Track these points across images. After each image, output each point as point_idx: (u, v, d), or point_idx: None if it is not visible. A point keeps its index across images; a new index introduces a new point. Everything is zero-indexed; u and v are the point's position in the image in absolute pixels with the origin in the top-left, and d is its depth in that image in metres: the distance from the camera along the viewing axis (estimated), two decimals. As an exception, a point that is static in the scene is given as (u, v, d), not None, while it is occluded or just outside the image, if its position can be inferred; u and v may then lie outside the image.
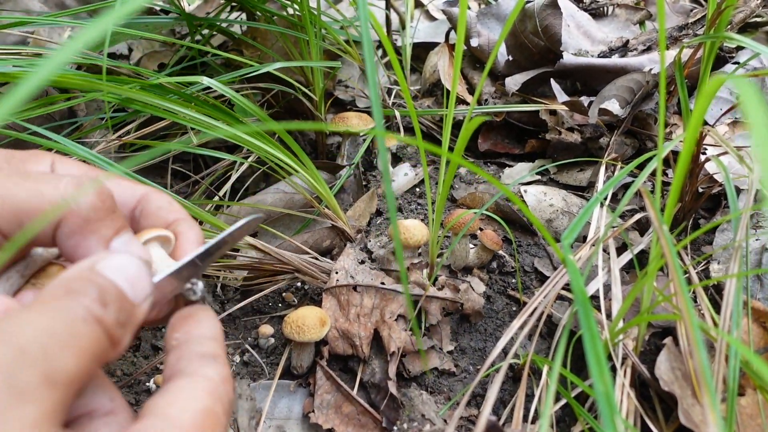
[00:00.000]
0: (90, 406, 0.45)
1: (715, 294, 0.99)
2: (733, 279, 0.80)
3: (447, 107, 0.88)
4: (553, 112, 1.35)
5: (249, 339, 1.04)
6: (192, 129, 1.20)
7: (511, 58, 1.42)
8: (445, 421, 0.90)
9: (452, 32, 1.60)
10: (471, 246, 1.08)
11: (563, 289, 0.99)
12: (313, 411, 0.89)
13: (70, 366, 0.38)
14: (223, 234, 0.55)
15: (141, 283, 0.47)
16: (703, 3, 1.73)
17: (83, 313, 0.41)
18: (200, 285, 0.54)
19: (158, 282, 0.50)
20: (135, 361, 1.01)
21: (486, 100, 1.41)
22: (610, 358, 0.83)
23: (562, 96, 1.28)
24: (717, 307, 0.92)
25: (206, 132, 0.98)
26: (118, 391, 0.48)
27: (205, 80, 0.94)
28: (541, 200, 1.18)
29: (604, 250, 1.01)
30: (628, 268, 1.06)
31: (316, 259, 1.06)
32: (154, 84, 0.93)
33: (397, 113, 1.41)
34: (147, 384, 0.96)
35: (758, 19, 1.58)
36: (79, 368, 0.39)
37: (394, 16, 1.70)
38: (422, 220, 1.17)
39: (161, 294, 0.51)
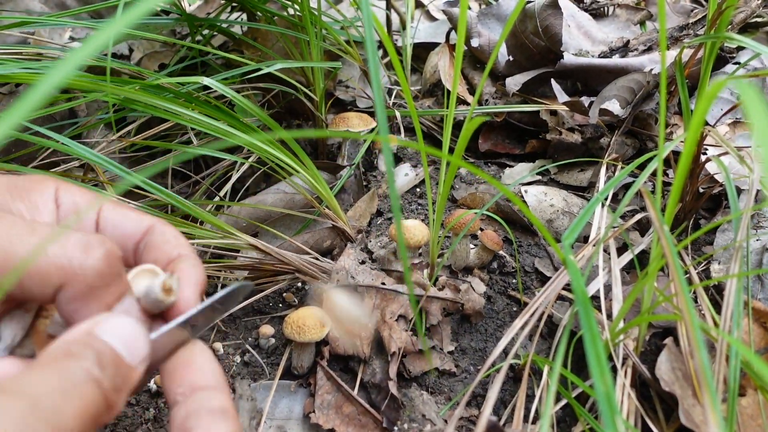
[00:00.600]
0: None
1: (716, 294, 0.99)
2: (734, 279, 0.80)
3: (447, 107, 0.88)
4: (553, 113, 1.35)
5: (249, 339, 1.04)
6: (192, 130, 1.20)
7: (511, 59, 1.42)
8: (446, 421, 0.90)
9: (452, 32, 1.60)
10: (471, 246, 1.08)
11: (564, 289, 0.99)
12: (314, 411, 0.89)
13: (75, 425, 0.39)
14: (216, 297, 0.54)
15: (137, 346, 0.47)
16: (704, 3, 1.73)
17: (84, 375, 0.41)
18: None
19: (154, 340, 0.50)
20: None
21: (486, 100, 1.41)
22: (610, 358, 0.83)
23: (562, 96, 1.28)
24: (718, 307, 0.92)
25: (209, 134, 0.98)
26: None
27: (205, 80, 0.94)
28: (542, 200, 1.18)
29: (605, 251, 1.01)
30: (628, 269, 1.06)
31: (317, 259, 1.06)
32: (153, 84, 0.93)
33: (397, 113, 1.41)
34: (147, 385, 0.96)
35: (759, 20, 1.58)
36: (81, 429, 0.40)
37: (394, 17, 1.70)
38: (423, 220, 1.17)
39: (155, 352, 0.50)
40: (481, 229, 1.10)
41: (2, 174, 0.55)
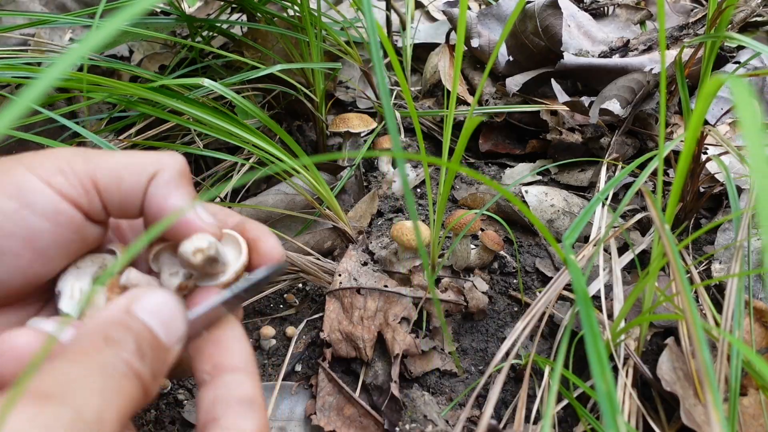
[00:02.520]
0: None
1: (717, 294, 0.98)
2: (735, 278, 0.80)
3: (448, 108, 0.88)
4: (554, 113, 1.35)
5: (251, 340, 1.04)
6: (195, 131, 1.20)
7: (511, 59, 1.42)
8: (447, 421, 0.90)
9: (453, 33, 1.60)
10: (472, 246, 1.08)
11: (565, 289, 0.99)
12: (315, 413, 0.89)
13: (116, 426, 0.39)
14: (256, 278, 0.54)
15: (175, 325, 0.47)
16: (704, 2, 1.73)
17: (124, 369, 0.41)
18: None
19: (192, 319, 0.49)
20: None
21: (487, 100, 1.41)
22: (611, 358, 0.83)
23: (562, 96, 1.28)
24: (719, 306, 0.92)
25: (209, 134, 0.98)
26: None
27: (207, 82, 0.94)
28: (543, 200, 1.18)
29: (606, 250, 1.01)
30: (629, 268, 1.06)
31: (318, 260, 1.06)
32: (154, 88, 0.93)
33: (397, 114, 1.41)
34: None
35: (759, 19, 1.58)
36: (121, 425, 0.40)
37: (394, 17, 1.70)
38: (423, 220, 1.17)
39: (193, 330, 0.50)
40: (482, 230, 1.10)
41: None
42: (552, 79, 1.32)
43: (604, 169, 1.17)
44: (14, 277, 0.49)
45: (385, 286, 0.98)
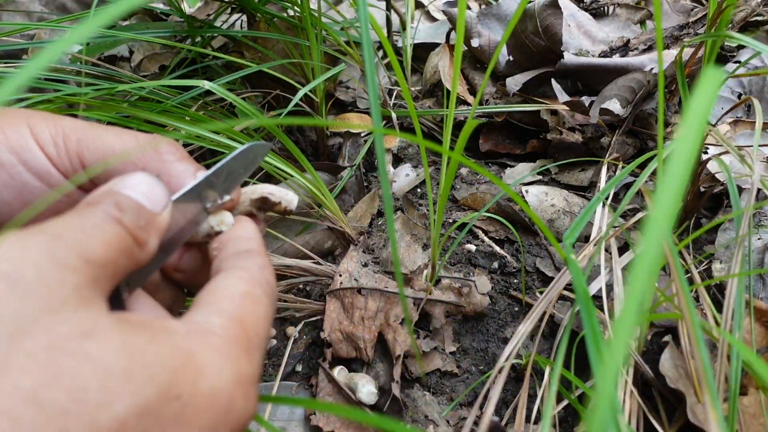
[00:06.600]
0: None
1: (717, 293, 0.98)
2: (735, 278, 0.80)
3: (448, 108, 0.88)
4: (554, 112, 1.35)
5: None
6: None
7: (511, 59, 1.42)
8: (448, 421, 0.90)
9: (453, 33, 1.60)
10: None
11: (565, 288, 0.99)
12: (315, 413, 0.89)
13: (100, 251, 0.41)
14: (229, 156, 0.55)
15: (156, 196, 0.49)
16: (704, 2, 1.73)
17: (103, 215, 0.44)
18: (229, 217, 0.55)
19: (176, 200, 0.51)
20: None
21: (487, 100, 1.41)
22: (612, 358, 0.83)
23: (563, 96, 1.28)
24: (719, 306, 0.92)
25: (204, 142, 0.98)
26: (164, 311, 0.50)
27: (206, 84, 0.94)
28: (543, 200, 1.18)
29: (606, 250, 1.01)
30: (630, 268, 1.06)
31: (318, 263, 1.06)
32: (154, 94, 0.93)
33: (393, 114, 1.41)
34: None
35: (759, 18, 1.58)
36: (108, 255, 0.42)
37: (394, 17, 1.70)
38: (424, 218, 1.17)
39: (183, 219, 0.52)
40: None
41: None
42: (552, 79, 1.32)
43: (604, 168, 1.17)
44: (1, 223, 0.55)
45: (386, 287, 0.98)
